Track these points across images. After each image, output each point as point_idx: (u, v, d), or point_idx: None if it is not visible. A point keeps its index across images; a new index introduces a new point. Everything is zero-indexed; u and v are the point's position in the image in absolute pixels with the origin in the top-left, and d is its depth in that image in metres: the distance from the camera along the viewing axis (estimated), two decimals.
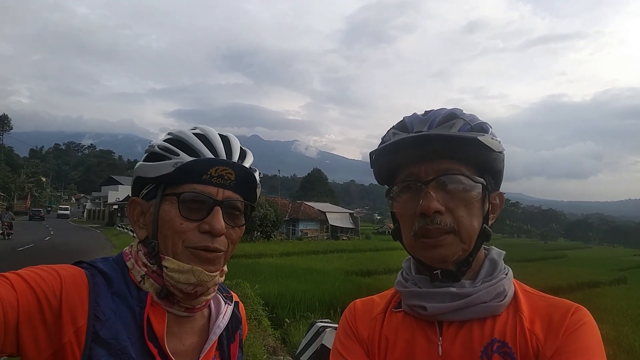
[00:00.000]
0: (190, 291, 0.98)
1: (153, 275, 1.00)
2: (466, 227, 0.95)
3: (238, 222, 1.04)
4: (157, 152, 1.02)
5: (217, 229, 0.97)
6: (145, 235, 1.03)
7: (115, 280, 0.98)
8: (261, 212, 36.81)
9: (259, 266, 17.51)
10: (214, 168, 0.98)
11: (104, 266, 1.00)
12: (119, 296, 0.96)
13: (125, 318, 0.94)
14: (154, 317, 0.97)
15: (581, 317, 0.92)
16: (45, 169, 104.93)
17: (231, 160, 1.02)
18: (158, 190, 1.00)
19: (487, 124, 1.00)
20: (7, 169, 68.71)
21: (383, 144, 1.03)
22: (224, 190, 1.00)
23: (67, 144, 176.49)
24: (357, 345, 1.03)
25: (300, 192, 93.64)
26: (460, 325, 0.95)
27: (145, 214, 1.04)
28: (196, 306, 1.04)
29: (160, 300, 1.00)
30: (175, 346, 1.00)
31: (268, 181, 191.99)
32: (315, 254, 27.96)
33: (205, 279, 0.97)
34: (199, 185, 0.98)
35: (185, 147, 1.01)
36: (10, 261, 17.18)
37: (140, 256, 1.02)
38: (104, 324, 0.90)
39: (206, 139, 1.03)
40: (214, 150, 1.01)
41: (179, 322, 1.03)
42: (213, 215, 0.97)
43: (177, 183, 0.98)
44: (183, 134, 1.03)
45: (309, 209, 50.50)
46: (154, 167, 1.00)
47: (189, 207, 0.97)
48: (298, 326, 9.05)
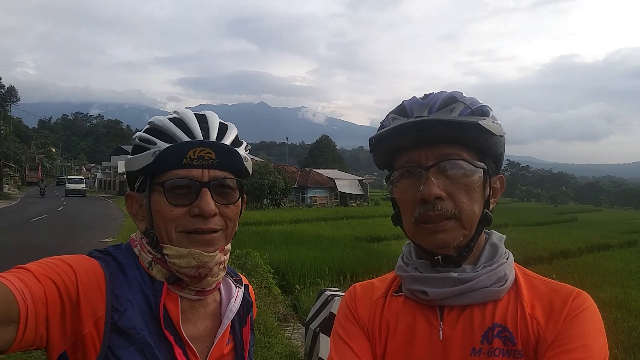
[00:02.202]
0: (194, 274, 1.00)
1: (159, 261, 1.02)
2: (467, 213, 0.94)
3: (231, 199, 1.04)
4: (137, 144, 1.03)
5: (207, 211, 0.97)
6: (145, 227, 1.04)
7: (129, 268, 1.00)
8: (270, 179, 36.92)
9: (269, 234, 17.67)
10: (191, 150, 0.98)
11: (117, 254, 1.02)
12: (134, 285, 0.98)
13: (142, 307, 0.96)
14: (168, 304, 1.00)
15: (582, 302, 0.92)
16: (55, 139, 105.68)
17: (208, 140, 1.01)
18: (146, 182, 1.01)
19: (488, 107, 0.99)
20: (17, 141, 68.96)
21: (382, 129, 1.01)
22: (209, 171, 1.00)
23: (75, 115, 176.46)
24: (358, 328, 1.05)
25: (309, 159, 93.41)
26: (461, 310, 0.96)
27: (142, 206, 1.05)
28: (206, 289, 1.06)
29: (170, 285, 1.02)
30: (191, 331, 1.03)
31: (276, 148, 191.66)
32: (324, 221, 28.08)
33: (205, 260, 0.99)
34: (182, 170, 0.98)
35: (162, 134, 1.01)
36: (24, 232, 17.54)
37: (145, 244, 1.04)
38: (121, 315, 0.92)
39: (181, 122, 1.02)
40: (190, 133, 1.01)
41: (193, 307, 1.06)
42: (201, 198, 0.98)
43: (161, 171, 0.99)
44: (159, 121, 1.03)
45: (318, 176, 50.51)
46: (137, 160, 1.01)
47: (175, 193, 0.98)
48: (308, 292, 9.16)
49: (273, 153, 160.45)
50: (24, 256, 7.52)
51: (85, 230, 18.50)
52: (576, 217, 45.24)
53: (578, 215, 48.41)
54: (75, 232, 17.63)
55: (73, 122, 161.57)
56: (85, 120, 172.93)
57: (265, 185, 36.45)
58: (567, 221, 40.51)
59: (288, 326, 7.14)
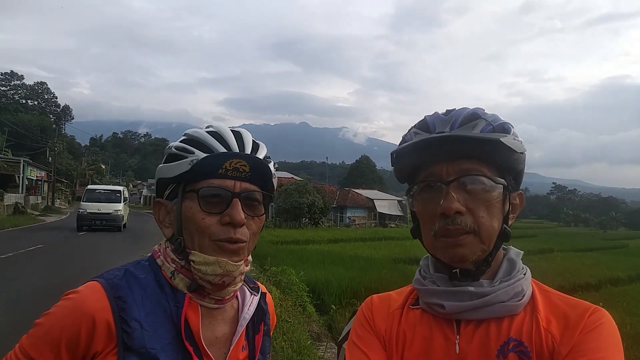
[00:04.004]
0: (218, 282, 1.03)
1: (182, 270, 1.06)
2: (486, 228, 0.95)
3: (257, 212, 1.08)
4: (173, 153, 1.07)
5: (238, 220, 1.01)
6: (171, 233, 1.09)
7: (148, 283, 1.04)
8: (309, 199, 37.09)
9: (306, 253, 17.70)
10: (228, 161, 1.02)
11: (136, 269, 1.07)
12: (152, 299, 1.02)
13: (159, 321, 1.00)
14: (189, 314, 1.03)
15: (600, 317, 0.91)
16: (105, 157, 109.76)
17: (244, 153, 1.06)
18: (179, 189, 1.06)
19: (509, 124, 1.00)
20: (69, 157, 72.03)
21: (404, 143, 1.04)
22: (241, 183, 1.04)
23: (125, 133, 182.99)
24: (374, 337, 1.06)
25: (349, 179, 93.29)
26: (477, 324, 0.96)
27: (170, 213, 1.09)
28: (225, 297, 1.09)
29: (192, 294, 1.05)
30: (209, 337, 1.06)
31: (316, 168, 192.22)
32: (362, 241, 27.87)
33: (231, 268, 1.02)
34: (216, 180, 1.02)
35: (200, 145, 1.06)
36: (72, 245, 18.25)
37: (169, 253, 1.08)
38: (130, 336, 0.96)
39: (219, 135, 1.07)
40: (227, 145, 1.06)
41: (211, 314, 1.09)
42: (232, 207, 1.02)
43: (195, 180, 1.03)
44: (197, 133, 1.08)
45: (357, 196, 50.43)
46: (172, 167, 1.06)
47: (208, 201, 1.02)
48: (344, 313, 9.08)
49: (313, 173, 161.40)
50: (71, 267, 7.79)
51: (129, 243, 19.08)
52: (627, 244, 43.03)
53: (629, 242, 45.99)
54: (120, 246, 18.25)
55: (122, 140, 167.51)
56: (134, 138, 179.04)
57: (304, 204, 36.64)
58: (617, 247, 38.61)
59: (321, 345, 7.09)
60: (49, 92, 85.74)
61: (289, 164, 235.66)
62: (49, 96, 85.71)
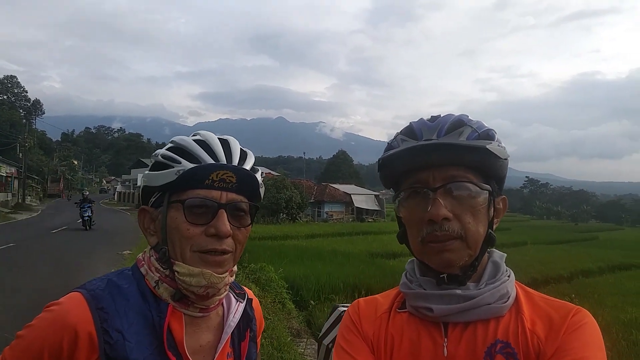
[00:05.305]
0: (202, 293, 1.03)
1: (166, 279, 1.05)
2: (473, 234, 0.97)
3: (243, 223, 1.07)
4: (160, 161, 1.06)
5: (223, 231, 1.01)
6: (156, 242, 1.08)
7: (131, 293, 1.03)
8: (287, 194, 37.01)
9: (284, 248, 17.68)
10: (215, 172, 1.02)
11: (119, 279, 1.05)
12: (134, 309, 1.01)
13: (141, 331, 0.99)
14: (173, 324, 1.02)
15: (582, 317, 0.94)
16: (77, 152, 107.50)
17: (231, 164, 1.05)
18: (164, 198, 1.05)
19: (493, 131, 1.02)
20: (40, 153, 70.25)
21: (392, 150, 1.05)
22: (227, 193, 1.04)
23: (98, 128, 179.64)
24: (362, 342, 1.07)
25: (326, 174, 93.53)
26: (464, 327, 0.98)
27: (155, 221, 1.09)
28: (210, 306, 1.09)
29: (176, 303, 1.04)
30: (193, 346, 1.05)
31: (294, 163, 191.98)
32: (340, 236, 28.00)
33: (215, 280, 1.02)
34: (202, 191, 1.02)
35: (187, 154, 1.05)
36: (44, 243, 17.84)
37: (153, 262, 1.07)
38: (112, 347, 0.95)
39: (206, 145, 1.06)
40: (214, 155, 1.05)
41: (195, 323, 1.08)
42: (218, 218, 1.01)
43: (181, 190, 1.03)
44: (184, 141, 1.07)
45: (334, 191, 50.52)
46: (158, 176, 1.05)
47: (194, 212, 1.01)
48: (322, 308, 9.11)
49: (290, 168, 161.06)
50: (45, 267, 7.65)
51: (103, 242, 18.72)
52: (597, 236, 44.30)
53: (599, 234, 47.36)
54: (94, 244, 17.87)
55: (95, 135, 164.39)
56: (107, 133, 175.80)
57: (282, 199, 36.54)
58: (588, 240, 39.72)
59: (301, 341, 7.12)
60: (19, 86, 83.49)
61: (266, 159, 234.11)
62: (18, 90, 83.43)
